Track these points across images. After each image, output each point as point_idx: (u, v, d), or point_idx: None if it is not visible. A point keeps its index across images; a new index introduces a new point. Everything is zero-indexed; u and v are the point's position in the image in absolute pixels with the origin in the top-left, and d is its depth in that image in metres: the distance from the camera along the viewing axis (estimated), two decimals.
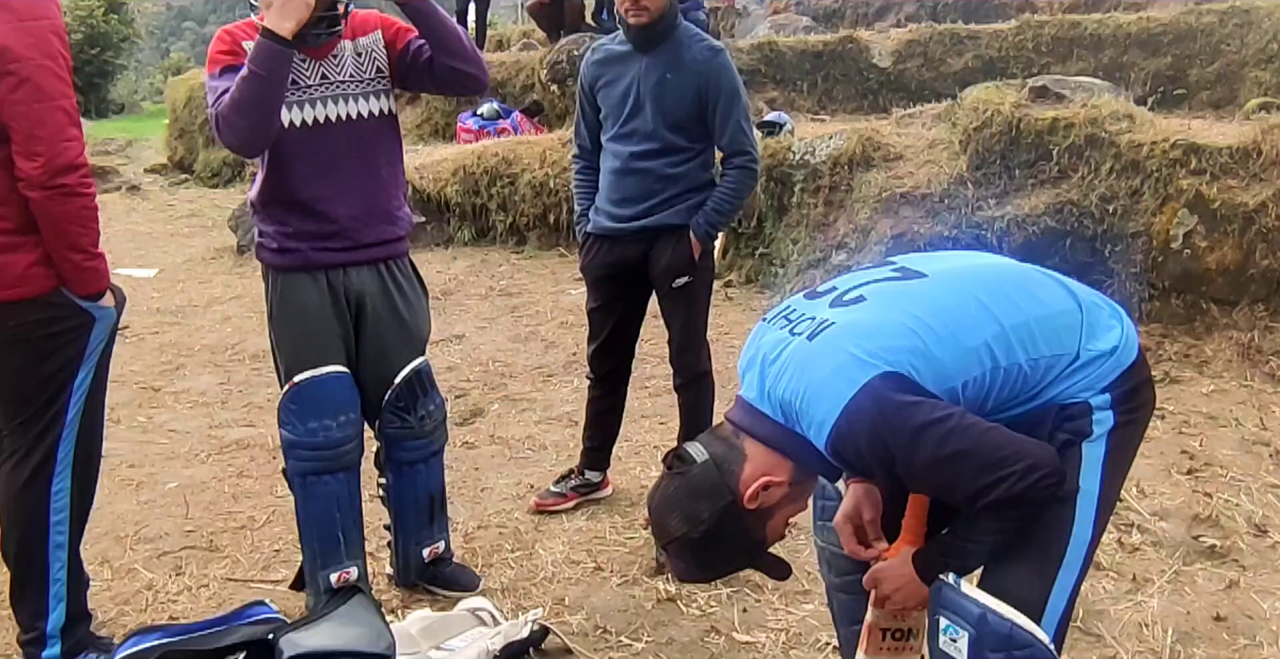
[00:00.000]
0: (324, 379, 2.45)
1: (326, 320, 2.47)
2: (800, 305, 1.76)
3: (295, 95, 2.34)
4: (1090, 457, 1.65)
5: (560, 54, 9.32)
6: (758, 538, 1.70)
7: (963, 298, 1.65)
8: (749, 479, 1.65)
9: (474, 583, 2.78)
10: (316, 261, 2.45)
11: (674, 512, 1.67)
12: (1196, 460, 3.45)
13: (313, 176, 2.40)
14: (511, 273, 6.66)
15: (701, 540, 1.66)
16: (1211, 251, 4.53)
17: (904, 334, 1.59)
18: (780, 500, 1.68)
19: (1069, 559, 1.66)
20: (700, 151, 3.04)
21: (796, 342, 1.64)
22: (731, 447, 1.68)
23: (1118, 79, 8.03)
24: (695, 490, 1.66)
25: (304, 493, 2.51)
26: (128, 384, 4.57)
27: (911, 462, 1.54)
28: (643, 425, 3.98)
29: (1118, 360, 1.66)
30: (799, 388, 1.59)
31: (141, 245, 7.81)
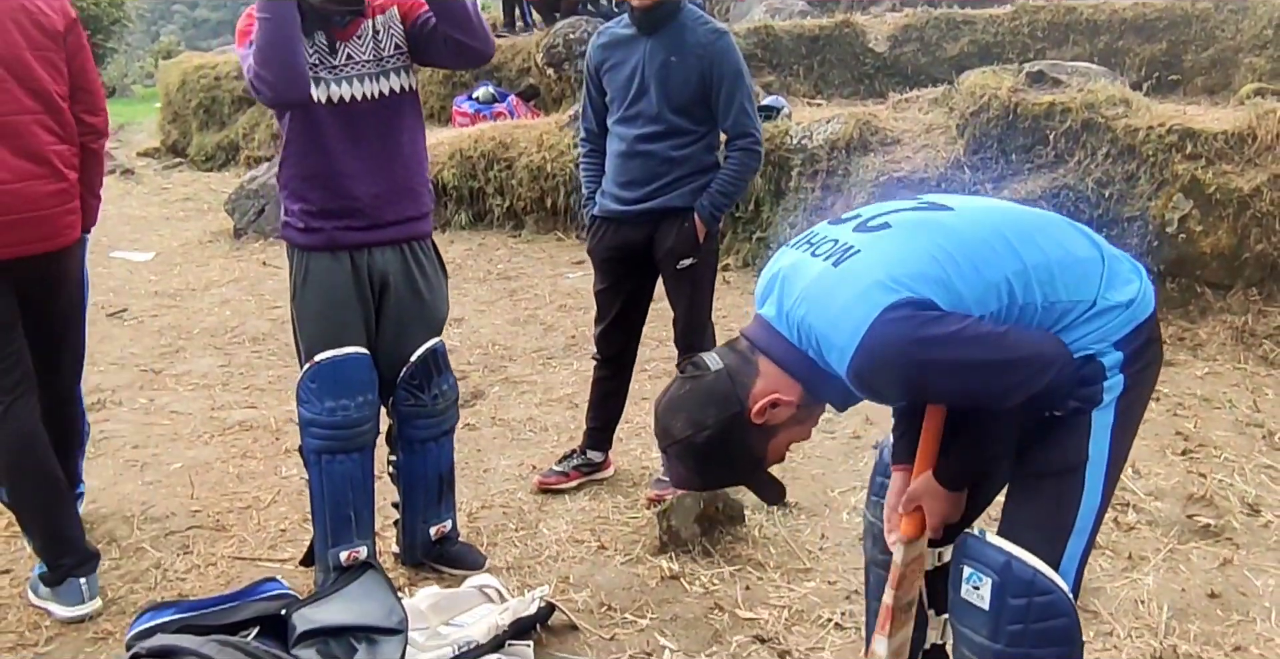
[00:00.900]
0: (344, 359, 2.47)
1: (349, 301, 2.50)
2: (823, 230, 1.76)
3: (322, 74, 2.39)
4: (1099, 424, 1.67)
5: (556, 38, 9.29)
6: (758, 454, 1.70)
7: (987, 233, 1.66)
8: (759, 394, 1.64)
9: (479, 562, 2.81)
10: (342, 242, 2.48)
11: (681, 413, 1.67)
12: (1191, 441, 3.50)
13: (337, 153, 2.42)
14: (509, 256, 6.68)
15: (703, 446, 1.65)
16: (1206, 236, 4.58)
17: (927, 262, 1.59)
18: (786, 421, 1.68)
19: (1079, 526, 1.70)
20: (704, 134, 3.06)
21: (821, 265, 1.64)
22: (746, 361, 1.68)
23: (1113, 64, 8.05)
24: (705, 396, 1.66)
25: (318, 471, 2.53)
26: (128, 367, 4.59)
27: (936, 374, 1.55)
28: (643, 407, 4.00)
29: (1133, 314, 1.67)
30: (821, 312, 1.60)
31: (137, 229, 7.79)
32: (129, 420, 3.96)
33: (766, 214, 6.17)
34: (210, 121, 11.40)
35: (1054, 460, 1.70)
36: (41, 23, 2.48)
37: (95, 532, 3.04)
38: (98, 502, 3.25)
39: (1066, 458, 1.69)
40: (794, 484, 3.27)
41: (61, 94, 2.53)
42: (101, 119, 2.68)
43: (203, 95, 11.42)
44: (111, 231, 7.68)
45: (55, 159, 2.51)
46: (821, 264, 1.64)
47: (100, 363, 4.63)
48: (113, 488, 3.34)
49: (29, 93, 2.45)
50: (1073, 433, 1.68)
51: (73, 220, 2.58)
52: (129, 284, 6.12)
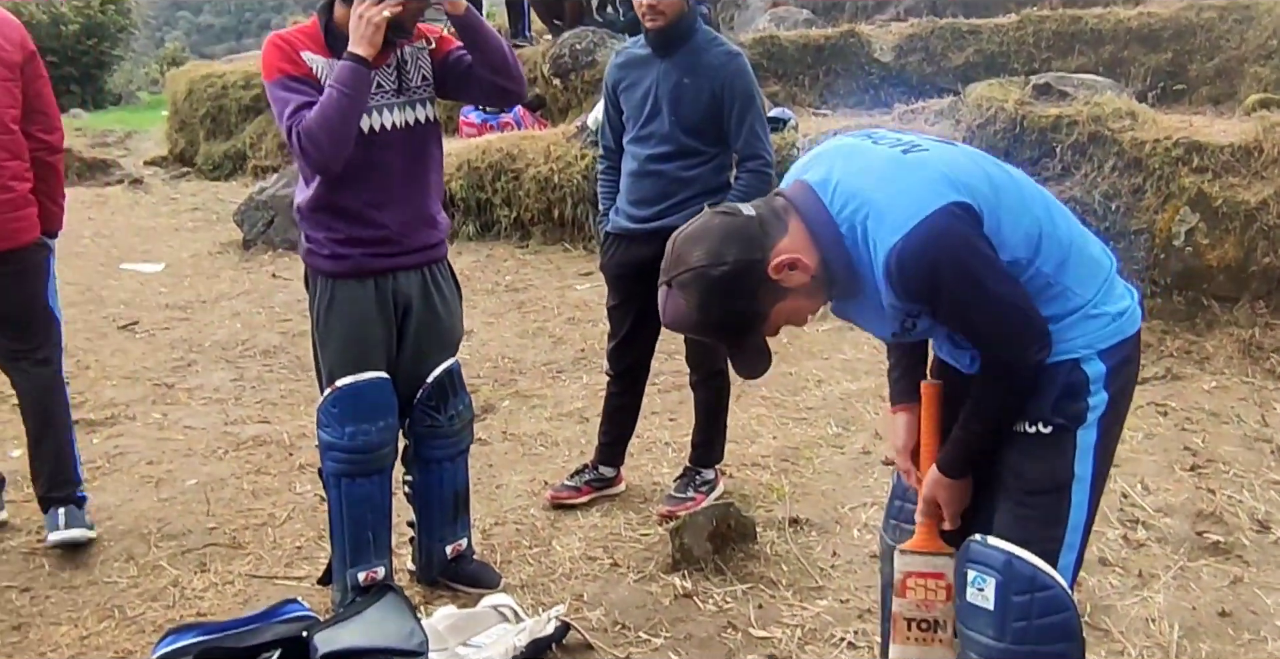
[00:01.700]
0: (365, 384, 2.50)
1: (373, 326, 2.53)
2: (885, 132, 1.80)
3: None
4: (1084, 444, 1.73)
5: (562, 48, 9.33)
6: (761, 310, 1.68)
7: (1034, 191, 1.74)
8: (783, 249, 1.64)
9: (495, 580, 2.84)
10: (368, 268, 2.50)
11: (702, 243, 1.64)
12: (1199, 457, 3.51)
13: (366, 183, 2.45)
14: (517, 268, 6.70)
15: (715, 281, 1.63)
16: (1213, 249, 4.59)
17: (984, 181, 1.66)
18: (798, 287, 1.67)
19: (1069, 541, 1.76)
20: (715, 155, 3.09)
21: (889, 151, 1.68)
22: (779, 217, 1.68)
23: (1118, 74, 8.08)
24: (731, 234, 1.64)
25: (338, 493, 2.56)
26: (141, 380, 4.62)
27: (961, 283, 1.60)
28: (653, 422, 4.04)
29: (1120, 326, 1.73)
30: (884, 187, 1.62)
31: (146, 240, 7.82)
32: (143, 435, 3.99)
33: None
34: (218, 131, 11.42)
35: (1042, 479, 1.76)
36: (3, 58, 2.84)
37: (112, 549, 3.08)
38: (114, 518, 3.28)
39: (1055, 476, 1.75)
40: (804, 500, 3.29)
41: (14, 117, 2.88)
42: (56, 136, 3.03)
43: (210, 104, 11.45)
44: (121, 243, 7.72)
45: (4, 174, 2.85)
46: (888, 150, 1.69)
47: (113, 377, 4.66)
48: (128, 504, 3.37)
49: None
50: (1060, 453, 1.74)
51: (24, 225, 2.93)
52: (139, 296, 6.16)
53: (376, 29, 2.28)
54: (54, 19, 17.25)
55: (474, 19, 2.44)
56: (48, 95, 3.01)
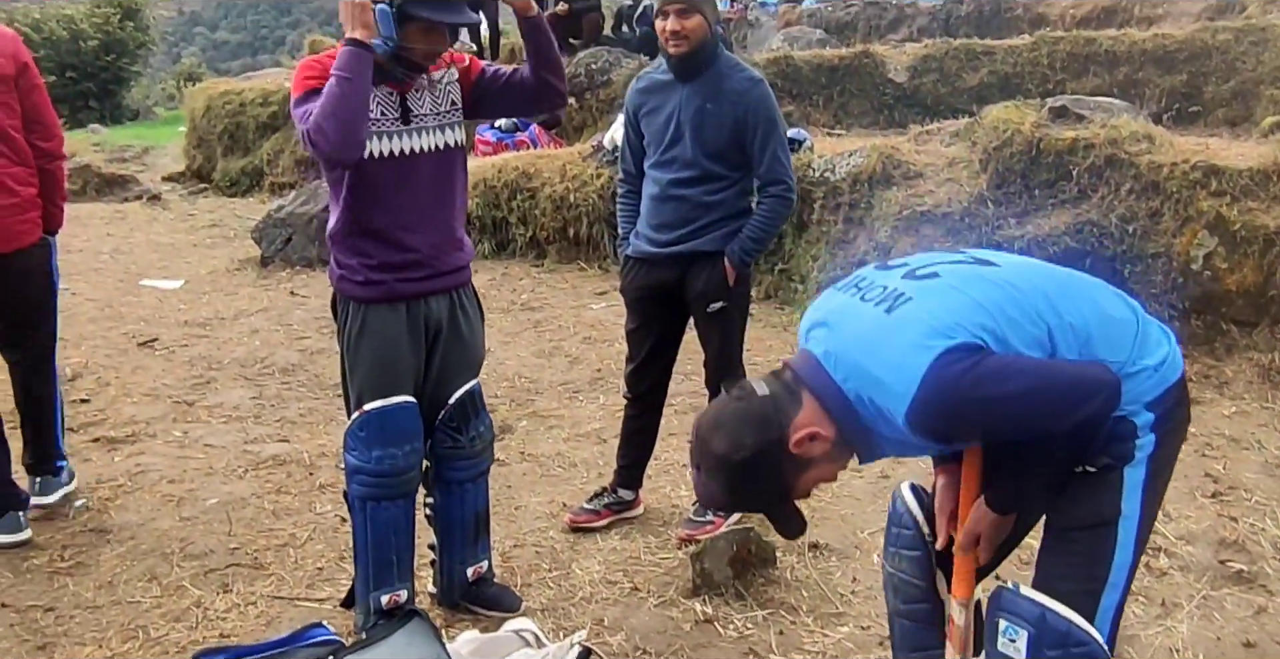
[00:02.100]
0: (393, 409, 2.51)
1: (404, 351, 2.54)
2: (871, 275, 1.82)
3: (380, 127, 2.43)
4: (1131, 481, 1.73)
5: (578, 67, 9.40)
6: (788, 484, 1.74)
7: (1030, 289, 1.73)
8: (800, 425, 1.69)
9: (516, 604, 2.84)
10: (401, 293, 2.52)
11: (722, 431, 1.71)
12: (1220, 484, 3.51)
13: (396, 206, 2.48)
14: (533, 287, 6.73)
15: (739, 466, 1.69)
16: (1232, 273, 4.59)
17: (976, 311, 1.66)
18: (820, 456, 1.72)
19: (1113, 580, 1.75)
20: (738, 180, 3.11)
21: (873, 311, 1.70)
22: (790, 391, 1.73)
23: (1133, 96, 8.09)
24: (748, 418, 1.70)
25: (363, 517, 2.57)
26: (161, 398, 4.64)
27: (994, 410, 1.60)
28: (671, 444, 4.04)
29: (1163, 376, 1.74)
30: (876, 358, 1.65)
31: (165, 256, 7.87)
32: (164, 454, 4.00)
33: (789, 247, 6.20)
34: (235, 147, 11.52)
35: (1087, 515, 1.76)
36: None
37: (135, 568, 3.09)
38: (136, 537, 3.30)
39: (1100, 512, 1.74)
40: (823, 525, 3.29)
41: (14, 126, 3.06)
42: (54, 143, 3.22)
43: (228, 121, 11.55)
44: (140, 259, 7.77)
45: (8, 180, 3.05)
46: (873, 309, 1.71)
47: (134, 394, 4.69)
48: (151, 524, 3.39)
49: None
50: (1106, 489, 1.74)
51: (28, 227, 3.15)
52: (159, 313, 6.19)
53: (363, 9, 2.30)
54: (73, 35, 17.44)
55: (542, 21, 2.51)
56: (44, 105, 3.18)
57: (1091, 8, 12.67)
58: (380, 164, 2.44)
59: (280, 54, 43.17)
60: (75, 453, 3.98)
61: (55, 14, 17.92)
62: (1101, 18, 12.15)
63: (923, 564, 2.01)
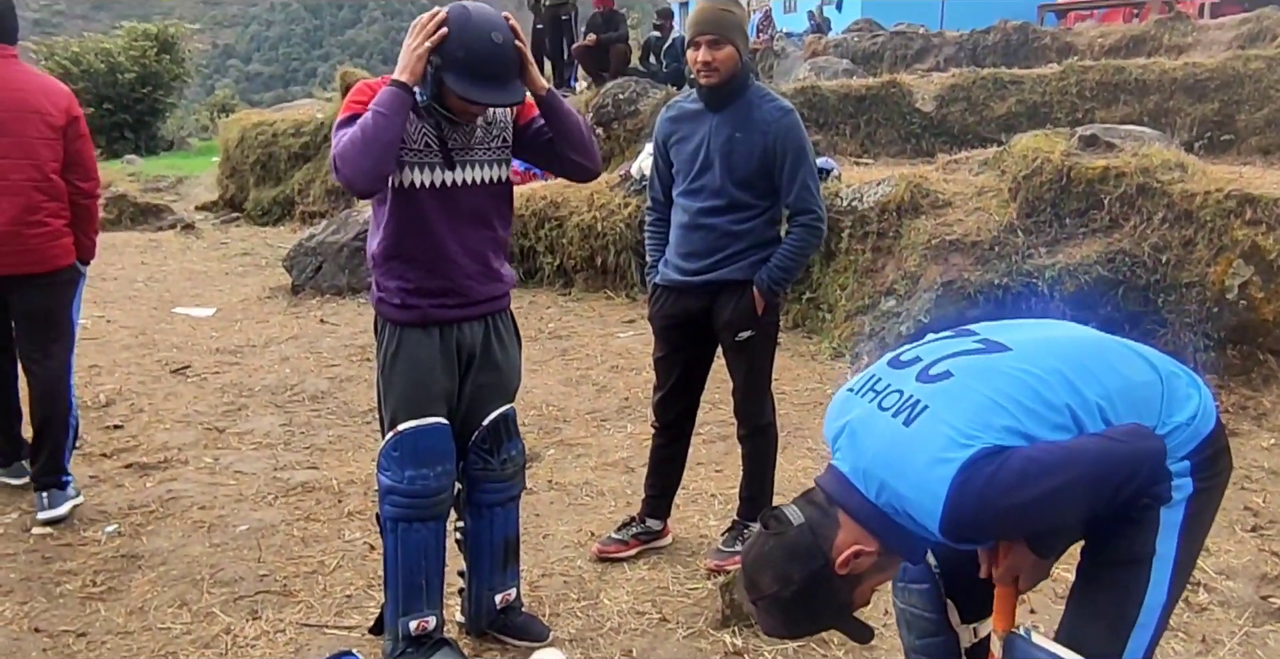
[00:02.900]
0: (427, 429, 2.52)
1: (437, 373, 2.56)
2: (885, 375, 1.81)
3: (425, 158, 2.46)
4: (1167, 522, 1.70)
5: (605, 97, 9.48)
6: (844, 601, 1.75)
7: (1045, 372, 1.69)
8: (842, 546, 1.70)
9: (544, 634, 2.83)
10: (436, 318, 2.55)
11: (767, 570, 1.73)
12: (1260, 517, 3.44)
13: (439, 236, 2.50)
14: (560, 315, 6.75)
15: (791, 601, 1.71)
16: (1268, 302, 4.54)
17: (994, 411, 1.64)
18: (869, 568, 1.73)
19: (1142, 621, 1.71)
20: (766, 209, 3.11)
21: (891, 424, 1.69)
22: (825, 513, 1.73)
23: (1164, 124, 8.07)
24: (790, 552, 1.71)
25: (394, 539, 2.57)
26: (193, 425, 4.68)
27: (1031, 510, 1.57)
28: (699, 473, 4.02)
29: (1196, 429, 1.71)
30: (901, 476, 1.64)
31: (198, 284, 7.96)
32: (195, 480, 4.03)
33: (817, 275, 6.20)
34: (267, 177, 11.69)
35: (1119, 553, 1.73)
36: (49, 121, 3.49)
37: (166, 594, 3.10)
38: (167, 563, 3.31)
39: (1132, 550, 1.72)
40: None
41: (54, 169, 3.52)
42: (91, 184, 3.67)
43: (260, 151, 11.73)
44: (174, 287, 7.87)
45: (43, 213, 3.50)
46: (891, 421, 1.70)
47: (166, 420, 4.73)
48: (181, 550, 3.40)
49: (33, 167, 3.47)
50: (1140, 528, 1.71)
51: (59, 252, 3.57)
52: (191, 340, 6.25)
53: (419, 59, 2.34)
54: (111, 68, 17.79)
55: (554, 100, 2.53)
56: (87, 152, 3.66)
57: (1120, 36, 12.69)
58: (424, 193, 2.47)
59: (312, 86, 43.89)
60: (108, 479, 4.03)
61: (94, 47, 18.32)
62: (1130, 46, 12.16)
63: (932, 596, 1.99)
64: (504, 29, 2.36)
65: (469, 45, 2.31)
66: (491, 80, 2.35)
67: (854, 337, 5.68)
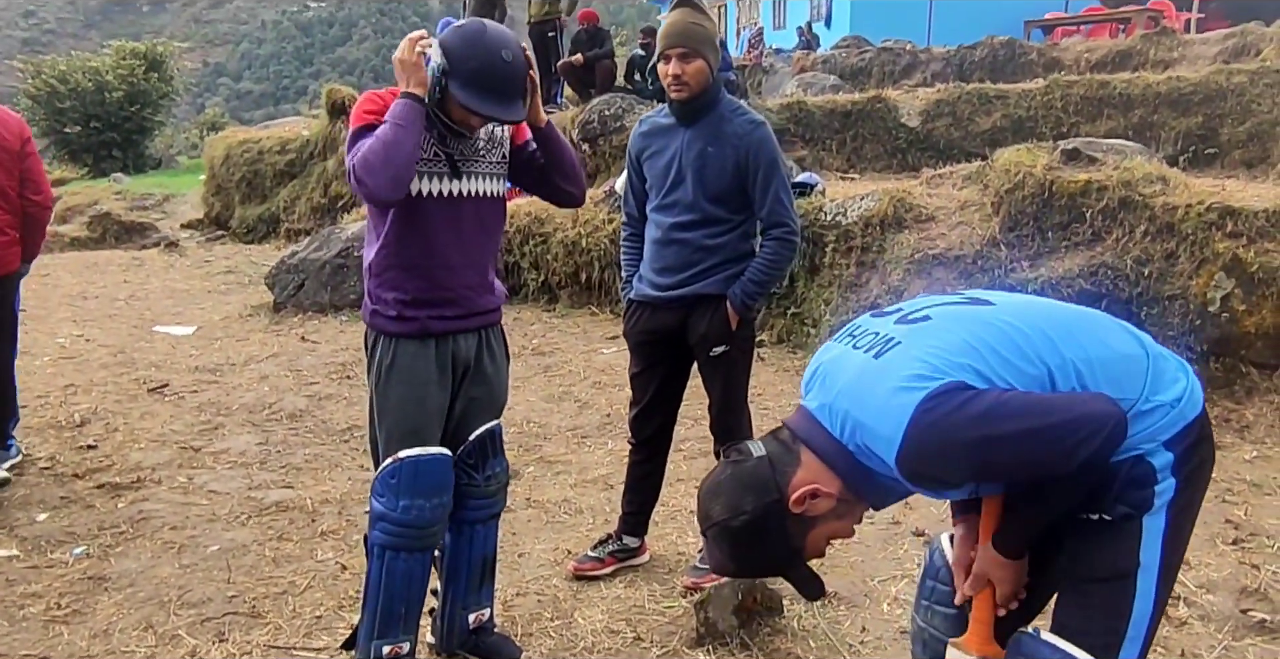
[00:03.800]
0: (429, 460, 2.47)
1: (433, 388, 2.51)
2: (865, 323, 1.79)
3: (433, 168, 2.45)
4: (1150, 530, 1.66)
5: (591, 113, 9.48)
6: (795, 544, 1.70)
7: (1026, 327, 1.67)
8: (799, 483, 1.66)
9: (515, 653, 2.78)
10: (433, 329, 2.51)
11: (720, 497, 1.70)
12: (1241, 530, 3.41)
13: (440, 245, 2.48)
14: (544, 331, 6.71)
15: (740, 531, 1.67)
16: (1250, 315, 4.52)
17: (967, 352, 1.61)
18: (825, 513, 1.69)
19: (1132, 633, 1.67)
20: (740, 223, 3.08)
21: (862, 358, 1.67)
22: (788, 450, 1.70)
23: (1148, 138, 8.09)
24: (744, 481, 1.68)
25: (380, 565, 2.49)
26: (168, 444, 4.62)
27: (986, 451, 1.53)
28: (679, 490, 3.98)
29: (1181, 412, 1.66)
30: (864, 405, 1.61)
31: (179, 302, 7.92)
32: (167, 500, 3.97)
33: (801, 290, 6.17)
34: (252, 195, 11.65)
35: (1105, 566, 1.68)
36: (7, 147, 3.98)
37: (132, 617, 3.04)
38: (135, 585, 3.25)
39: (1117, 564, 1.67)
40: (832, 572, 3.21)
41: (11, 186, 4.02)
42: (42, 197, 4.19)
43: (246, 169, 11.70)
44: (155, 305, 7.83)
45: (4, 224, 4.01)
46: (862, 356, 1.67)
47: (141, 440, 4.67)
48: (150, 571, 3.34)
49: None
50: (1123, 538, 1.66)
51: (11, 258, 4.07)
52: (170, 359, 6.20)
53: (418, 68, 2.35)
54: (99, 86, 17.76)
55: (552, 131, 2.57)
56: (37, 169, 4.20)
57: (1106, 51, 12.76)
58: (430, 202, 2.46)
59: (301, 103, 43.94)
60: (79, 499, 3.97)
61: (81, 66, 18.29)
62: (1117, 61, 12.22)
63: (956, 623, 1.93)
64: (516, 49, 2.38)
65: (480, 58, 2.33)
66: (495, 94, 2.35)
67: None
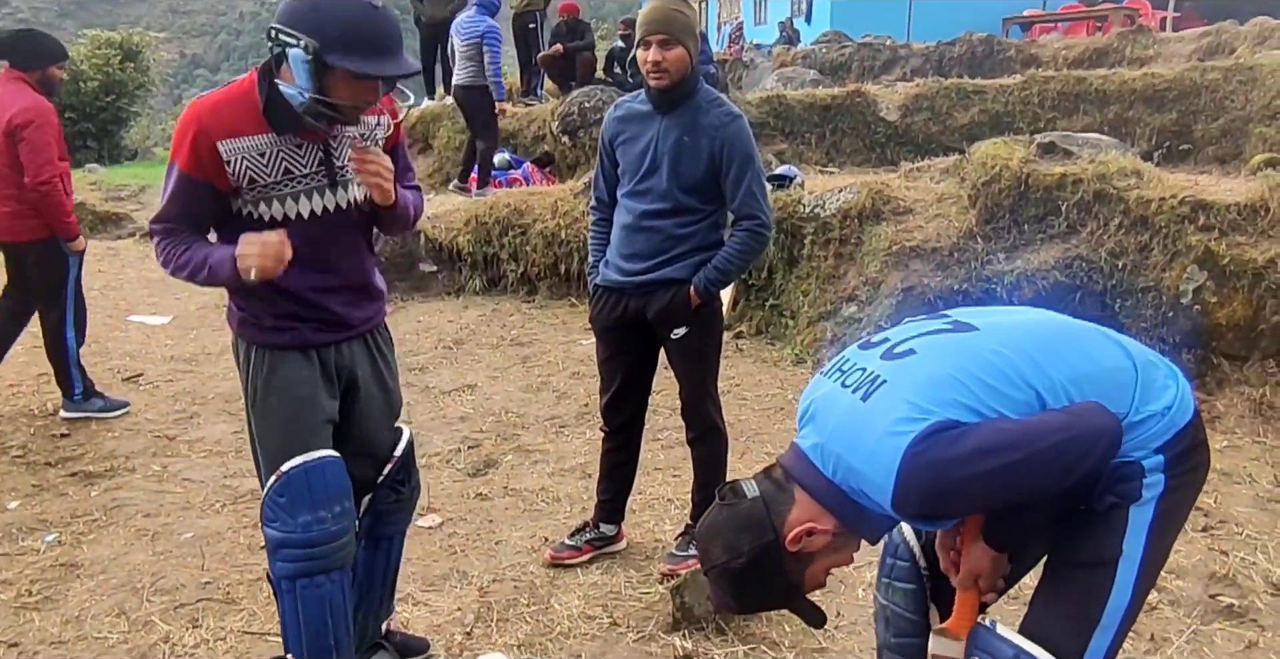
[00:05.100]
0: (317, 466, 2.22)
1: (317, 401, 2.28)
2: (854, 356, 1.80)
3: (291, 187, 2.21)
4: (1136, 521, 1.67)
5: (571, 106, 9.47)
6: (795, 580, 1.73)
7: (1012, 352, 1.68)
8: (794, 522, 1.69)
9: (424, 645, 2.73)
10: (313, 341, 2.29)
11: (718, 539, 1.73)
12: (1211, 517, 3.45)
13: (307, 269, 2.24)
14: (523, 322, 6.70)
15: (739, 572, 1.71)
16: (1221, 307, 4.56)
17: (952, 386, 1.62)
18: (822, 548, 1.71)
19: (1105, 621, 1.69)
20: (711, 213, 3.07)
21: (849, 399, 1.68)
22: (781, 489, 1.72)
23: (1123, 134, 8.15)
24: (740, 523, 1.71)
25: (292, 599, 2.23)
26: (143, 433, 4.59)
27: (982, 486, 1.55)
28: (656, 478, 3.99)
29: (1172, 420, 1.67)
30: (854, 449, 1.63)
31: (155, 292, 7.85)
32: (142, 488, 3.95)
33: (780, 282, 6.19)
34: None
35: (1086, 553, 1.70)
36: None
37: (104, 603, 3.03)
38: (107, 572, 3.23)
39: (1099, 551, 1.69)
40: None
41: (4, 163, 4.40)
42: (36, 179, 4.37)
43: None
44: (130, 295, 7.76)
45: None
46: (850, 397, 1.69)
47: (115, 429, 4.64)
48: (123, 558, 3.33)
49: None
50: (1108, 527, 1.68)
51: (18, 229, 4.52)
52: (145, 349, 6.16)
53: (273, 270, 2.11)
54: (73, 76, 17.51)
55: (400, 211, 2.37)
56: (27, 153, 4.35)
57: (1084, 49, 12.84)
58: (291, 226, 2.20)
59: None
60: (51, 487, 3.94)
61: None
62: (1094, 58, 12.30)
63: (918, 598, 1.96)
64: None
65: (343, 19, 2.02)
66: (382, 51, 2.06)
67: (816, 342, 5.67)
